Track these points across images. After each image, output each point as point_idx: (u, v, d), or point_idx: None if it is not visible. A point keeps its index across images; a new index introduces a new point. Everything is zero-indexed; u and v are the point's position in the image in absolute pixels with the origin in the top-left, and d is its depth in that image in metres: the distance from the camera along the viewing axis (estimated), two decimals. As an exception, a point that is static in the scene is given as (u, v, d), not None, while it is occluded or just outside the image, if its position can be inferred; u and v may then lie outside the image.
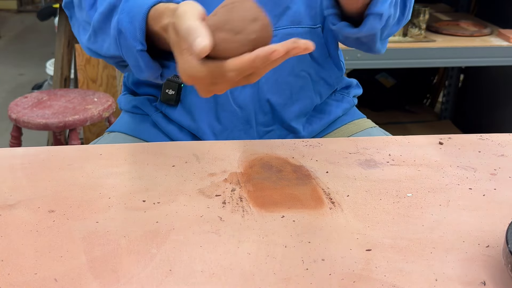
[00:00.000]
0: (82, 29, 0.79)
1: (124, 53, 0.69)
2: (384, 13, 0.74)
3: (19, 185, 0.67)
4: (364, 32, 0.75)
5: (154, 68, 0.68)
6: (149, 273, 0.51)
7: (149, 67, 0.67)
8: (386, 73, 2.69)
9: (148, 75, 0.69)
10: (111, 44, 0.71)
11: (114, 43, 0.69)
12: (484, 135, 0.82)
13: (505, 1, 2.22)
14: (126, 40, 0.67)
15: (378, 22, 0.74)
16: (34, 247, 0.55)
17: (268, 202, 0.63)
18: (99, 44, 0.74)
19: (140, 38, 0.65)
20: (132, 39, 0.66)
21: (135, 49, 0.66)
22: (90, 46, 0.76)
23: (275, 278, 0.50)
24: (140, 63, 0.67)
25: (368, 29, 0.75)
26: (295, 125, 0.90)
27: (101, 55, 0.75)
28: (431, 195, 0.65)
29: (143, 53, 0.66)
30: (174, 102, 0.88)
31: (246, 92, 0.87)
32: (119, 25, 0.67)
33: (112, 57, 0.74)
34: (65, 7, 0.82)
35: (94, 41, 0.75)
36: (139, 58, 0.66)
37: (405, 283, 0.50)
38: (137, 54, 0.66)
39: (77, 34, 0.81)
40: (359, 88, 1.01)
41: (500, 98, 2.37)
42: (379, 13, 0.73)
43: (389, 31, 0.82)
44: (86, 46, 0.78)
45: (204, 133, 0.88)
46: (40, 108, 1.91)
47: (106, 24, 0.71)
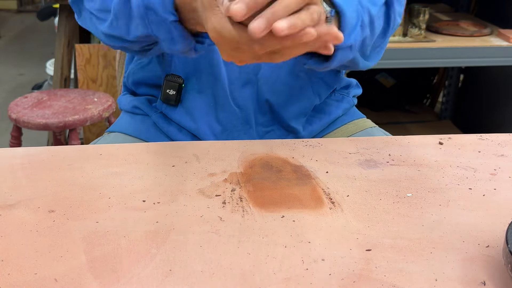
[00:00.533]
0: (96, 19, 0.77)
1: (154, 29, 0.68)
2: (354, 43, 0.71)
3: (19, 185, 0.67)
4: (335, 65, 0.72)
5: (188, 39, 0.68)
6: (149, 273, 0.51)
7: (184, 37, 0.67)
8: (386, 73, 2.69)
9: (182, 47, 0.69)
10: (138, 24, 0.70)
11: (142, 22, 0.69)
12: (484, 135, 0.82)
13: (505, 1, 2.22)
14: (156, 14, 0.66)
15: (349, 52, 0.71)
16: (34, 247, 0.55)
17: (268, 202, 0.63)
18: (122, 28, 0.73)
19: (170, 9, 0.65)
20: (162, 11, 0.65)
21: (168, 20, 0.65)
22: (112, 31, 0.75)
23: (275, 278, 0.50)
24: (174, 34, 0.67)
25: (338, 61, 0.72)
26: (294, 125, 0.90)
27: (125, 39, 0.74)
28: (431, 195, 0.65)
29: (176, 24, 0.66)
30: (174, 102, 0.88)
31: (246, 93, 0.87)
32: (145, 1, 0.66)
33: (138, 39, 0.73)
34: (73, 3, 0.81)
35: (117, 25, 0.73)
36: (173, 30, 0.66)
37: (405, 283, 0.50)
38: (170, 25, 0.66)
39: (91, 27, 0.80)
40: (358, 88, 1.01)
41: (500, 98, 2.37)
42: (348, 46, 0.70)
43: (374, 45, 0.80)
44: (106, 33, 0.76)
45: (204, 133, 0.88)
46: (40, 108, 1.91)
47: (126, 6, 0.70)
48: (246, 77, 0.86)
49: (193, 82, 0.87)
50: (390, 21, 0.80)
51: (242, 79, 0.86)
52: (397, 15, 0.81)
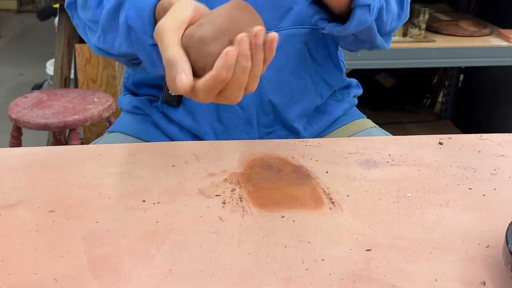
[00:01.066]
0: (88, 29, 0.78)
1: (136, 49, 0.68)
2: (372, 4, 0.70)
3: (19, 185, 0.67)
4: (354, 26, 0.72)
5: None
6: (149, 273, 0.51)
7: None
8: (386, 73, 2.69)
9: (163, 69, 0.68)
10: (122, 41, 0.70)
11: (125, 40, 0.68)
12: (484, 135, 0.82)
13: (505, 1, 2.22)
14: (136, 35, 0.66)
15: (368, 14, 0.71)
16: (34, 247, 0.55)
17: (268, 202, 0.63)
18: (109, 43, 0.73)
19: (150, 33, 0.64)
20: (142, 34, 0.65)
21: (147, 43, 0.65)
22: (100, 45, 0.75)
23: (275, 278, 0.50)
24: (153, 57, 0.66)
25: (357, 22, 0.71)
26: (296, 125, 0.90)
27: (113, 54, 0.74)
28: (431, 195, 0.65)
29: (156, 47, 0.65)
30: (176, 103, 0.88)
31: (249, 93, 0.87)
32: (128, 21, 0.66)
33: (124, 55, 0.73)
34: (68, 8, 0.81)
35: (104, 40, 0.73)
36: (153, 53, 0.66)
37: (405, 283, 0.50)
38: (149, 48, 0.65)
39: (84, 35, 0.80)
40: (359, 88, 1.01)
41: (500, 98, 2.37)
42: (366, 4, 0.70)
43: (390, 26, 0.80)
44: (96, 46, 0.76)
45: (205, 133, 0.88)
46: (40, 108, 1.91)
47: (114, 21, 0.70)
48: None
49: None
50: (404, 5, 0.81)
51: (245, 80, 0.86)
52: (408, 4, 0.82)
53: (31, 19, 5.36)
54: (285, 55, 0.86)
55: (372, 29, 0.77)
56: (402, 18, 0.83)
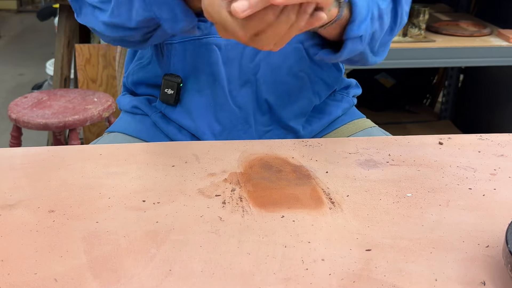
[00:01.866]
0: (98, 11, 0.77)
1: (156, 10, 0.69)
2: (364, 35, 0.72)
3: (19, 185, 0.67)
4: (345, 56, 0.73)
5: (191, 16, 0.69)
6: (149, 273, 0.51)
7: (186, 14, 0.68)
8: (386, 73, 2.69)
9: (184, 25, 0.69)
10: (138, 8, 0.71)
11: (143, 4, 0.70)
12: (484, 135, 0.82)
13: (505, 1, 2.22)
14: None
15: (359, 44, 0.73)
16: (34, 247, 0.55)
17: (268, 202, 0.63)
18: (124, 15, 0.73)
19: None
20: None
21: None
22: (114, 20, 0.75)
23: (275, 278, 0.50)
24: (177, 11, 0.68)
25: (348, 53, 0.73)
26: (293, 125, 0.90)
27: (127, 27, 0.74)
28: (431, 195, 0.65)
29: (178, 1, 0.67)
30: (173, 101, 0.88)
31: (245, 92, 0.87)
32: None
33: (139, 25, 0.73)
34: (73, 1, 0.81)
35: (118, 13, 0.74)
36: (176, 7, 0.67)
37: (405, 283, 0.50)
38: (172, 3, 0.67)
39: (91, 19, 0.80)
40: (358, 88, 1.01)
41: (500, 98, 2.37)
42: (358, 36, 0.71)
43: (382, 41, 0.80)
44: (108, 22, 0.76)
45: (203, 133, 0.88)
46: (40, 108, 1.91)
47: None
48: (245, 77, 0.86)
49: (192, 82, 0.87)
50: (397, 18, 0.81)
51: (241, 79, 0.87)
52: (404, 14, 0.82)
53: (31, 19, 5.35)
54: (281, 55, 0.86)
55: (364, 52, 0.77)
56: (395, 30, 0.82)
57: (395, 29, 0.82)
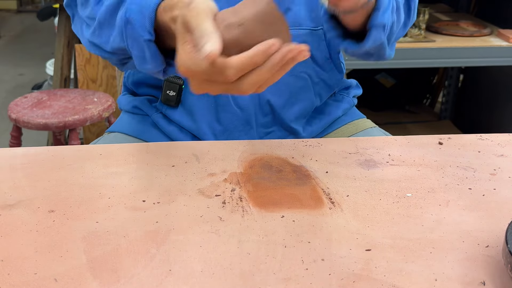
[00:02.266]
0: (85, 25, 0.78)
1: (130, 43, 0.68)
2: (386, 24, 0.72)
3: (19, 185, 0.67)
4: (369, 45, 0.74)
5: (159, 60, 0.68)
6: (149, 273, 0.51)
7: (155, 58, 0.67)
8: (386, 73, 2.69)
9: (151, 67, 0.69)
10: (116, 35, 0.70)
11: (119, 34, 0.69)
12: (483, 135, 0.82)
13: (505, 1, 2.22)
14: (133, 29, 0.66)
15: (382, 33, 0.73)
16: (34, 247, 0.55)
17: (268, 202, 0.63)
18: (103, 38, 0.74)
19: (148, 28, 0.65)
20: (140, 28, 0.65)
21: (142, 38, 0.66)
22: (94, 40, 0.76)
23: (275, 278, 0.50)
24: (145, 53, 0.67)
25: (372, 41, 0.73)
26: (295, 126, 0.90)
27: (104, 49, 0.75)
28: (431, 195, 0.65)
29: (150, 43, 0.66)
30: (174, 103, 0.88)
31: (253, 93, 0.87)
32: (127, 15, 0.67)
33: (115, 51, 0.73)
34: (67, 6, 0.81)
35: (99, 34, 0.74)
36: (146, 48, 0.66)
37: (405, 283, 0.50)
38: (144, 43, 0.66)
39: (79, 31, 0.80)
40: (358, 89, 1.01)
41: (500, 98, 2.37)
42: (382, 24, 0.72)
43: (396, 35, 0.81)
44: (88, 40, 0.77)
45: (204, 133, 0.88)
46: (40, 108, 1.91)
47: (112, 17, 0.71)
48: None
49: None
50: (411, 13, 0.82)
51: (243, 80, 0.86)
52: (415, 9, 0.83)
53: (31, 19, 5.35)
54: None
55: (383, 44, 0.78)
56: (408, 25, 0.84)
57: (408, 24, 0.83)
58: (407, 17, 0.82)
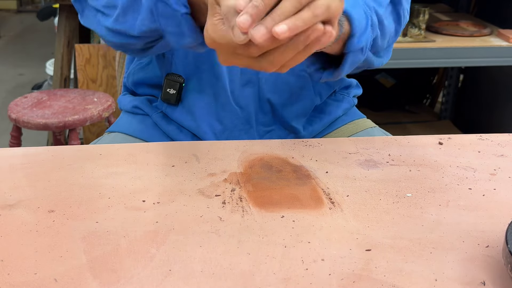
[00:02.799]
0: (101, 15, 0.77)
1: (163, 22, 0.68)
2: (364, 46, 0.71)
3: (19, 185, 0.67)
4: (347, 69, 0.72)
5: (198, 33, 0.67)
6: (149, 273, 0.51)
7: (193, 31, 0.67)
8: (386, 73, 2.69)
9: (191, 41, 0.68)
10: (144, 18, 0.69)
11: (150, 15, 0.68)
12: (483, 135, 0.82)
13: (505, 1, 2.22)
14: (166, 6, 0.66)
15: (360, 55, 0.71)
16: (34, 247, 0.55)
17: (268, 202, 0.63)
18: (129, 23, 0.72)
19: (184, 1, 0.65)
20: (174, 3, 0.65)
21: (179, 13, 0.65)
22: (118, 26, 0.74)
23: (275, 278, 0.50)
24: (183, 28, 0.66)
25: (350, 65, 0.72)
26: (295, 125, 0.90)
27: (130, 35, 0.74)
28: (431, 195, 0.65)
29: (187, 16, 0.66)
30: (174, 101, 0.88)
31: (247, 92, 0.87)
32: None
33: (142, 34, 0.72)
34: (75, 2, 0.81)
35: (123, 20, 0.73)
36: (183, 22, 0.66)
37: (405, 283, 0.50)
38: (181, 18, 0.66)
39: (93, 23, 0.79)
40: (359, 88, 1.01)
41: (500, 98, 2.37)
42: (359, 48, 0.70)
43: (387, 44, 0.80)
44: (111, 28, 0.75)
45: (204, 132, 0.88)
46: (40, 108, 1.91)
47: (135, 1, 0.70)
48: (247, 77, 0.87)
49: (193, 82, 0.87)
50: (401, 19, 0.81)
51: (243, 79, 0.87)
52: (406, 12, 0.82)
53: (31, 19, 5.36)
54: None
55: (367, 59, 0.76)
56: (400, 31, 0.82)
57: (399, 30, 0.82)
58: (398, 24, 0.80)
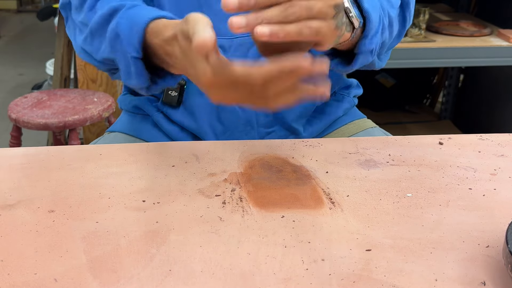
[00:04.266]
0: (78, 30, 0.78)
1: (118, 57, 0.68)
2: (375, 48, 0.72)
3: (19, 185, 0.67)
4: (356, 68, 0.73)
5: (144, 78, 0.67)
6: (149, 273, 0.51)
7: (140, 75, 0.67)
8: (386, 73, 2.69)
9: (136, 83, 0.68)
10: (106, 47, 0.71)
11: (109, 46, 0.69)
12: (484, 135, 0.82)
13: (505, 1, 2.22)
14: (121, 44, 0.66)
15: (370, 56, 0.72)
16: (34, 247, 0.55)
17: (268, 202, 0.63)
18: (95, 46, 0.74)
19: (136, 46, 0.65)
20: (127, 44, 0.65)
21: (129, 55, 0.65)
22: (86, 47, 0.76)
23: (275, 278, 0.50)
24: (131, 69, 0.67)
25: (359, 65, 0.73)
26: (296, 126, 0.90)
27: (95, 58, 0.75)
28: (431, 195, 0.65)
29: (137, 61, 0.66)
30: (176, 103, 0.88)
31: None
32: (117, 29, 0.67)
33: (104, 61, 0.74)
34: (62, 8, 0.82)
35: (90, 42, 0.75)
36: (132, 65, 0.66)
37: (405, 283, 0.50)
38: (130, 60, 0.66)
39: (72, 35, 0.81)
40: (359, 88, 1.01)
41: (500, 98, 2.37)
42: (369, 50, 0.71)
43: (390, 46, 0.81)
44: (80, 47, 0.77)
45: (205, 133, 0.88)
46: (40, 108, 1.91)
47: (104, 26, 0.71)
48: None
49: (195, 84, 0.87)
50: (406, 23, 0.81)
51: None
52: (411, 16, 0.82)
53: (31, 19, 5.36)
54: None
55: (372, 61, 0.77)
56: (403, 34, 0.83)
57: (402, 33, 0.82)
58: (402, 27, 0.81)
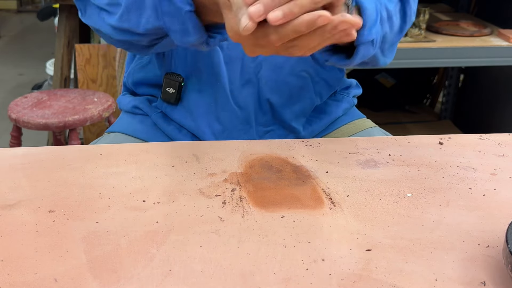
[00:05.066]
0: (106, 13, 0.76)
1: (167, 20, 0.68)
2: (375, 38, 0.71)
3: (19, 185, 0.67)
4: (358, 61, 0.72)
5: (201, 32, 0.68)
6: (149, 273, 0.51)
7: (197, 29, 0.67)
8: (386, 73, 2.69)
9: (195, 38, 0.68)
10: (149, 16, 0.69)
11: (154, 13, 0.68)
12: (484, 135, 0.82)
13: (505, 1, 2.22)
14: (170, 4, 0.66)
15: (371, 48, 0.71)
16: (34, 247, 0.55)
17: (268, 202, 0.63)
18: (133, 20, 0.72)
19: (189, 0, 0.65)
20: (179, 1, 0.65)
21: (183, 10, 0.65)
22: (122, 24, 0.74)
23: (275, 278, 0.50)
24: (188, 25, 0.67)
25: (361, 57, 0.72)
26: (295, 125, 0.90)
27: (135, 32, 0.73)
28: (431, 195, 0.65)
29: (192, 14, 0.66)
30: (174, 100, 0.88)
31: (246, 92, 0.87)
32: None
33: (148, 32, 0.72)
34: (77, 1, 0.80)
35: (127, 18, 0.73)
36: (188, 20, 0.66)
37: (405, 283, 0.50)
38: (185, 16, 0.66)
39: (96, 21, 0.78)
40: (359, 88, 1.01)
41: (500, 98, 2.37)
42: (370, 40, 0.70)
43: (391, 41, 0.80)
44: (116, 26, 0.75)
45: (203, 132, 0.88)
46: (40, 108, 1.91)
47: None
48: (246, 77, 0.87)
49: (193, 81, 0.87)
50: (407, 18, 0.80)
51: (243, 79, 0.87)
52: (412, 13, 0.81)
53: (31, 19, 5.36)
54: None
55: (375, 55, 0.76)
56: (405, 29, 0.82)
57: (404, 28, 0.81)
58: (403, 22, 0.80)
